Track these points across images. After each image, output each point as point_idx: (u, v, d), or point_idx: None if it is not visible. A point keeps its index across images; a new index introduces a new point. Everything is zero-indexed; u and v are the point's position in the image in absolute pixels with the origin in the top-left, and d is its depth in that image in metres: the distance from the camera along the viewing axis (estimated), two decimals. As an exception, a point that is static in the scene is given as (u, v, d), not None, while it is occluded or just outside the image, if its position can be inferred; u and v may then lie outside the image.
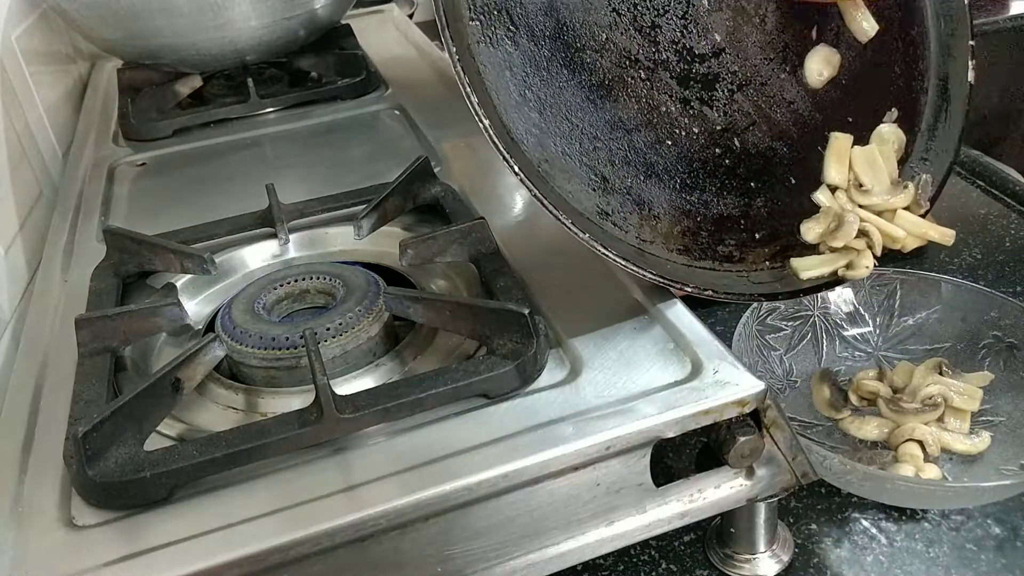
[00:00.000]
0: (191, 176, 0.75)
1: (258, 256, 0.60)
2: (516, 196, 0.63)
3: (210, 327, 0.53)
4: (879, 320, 0.61)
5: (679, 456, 0.47)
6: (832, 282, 0.50)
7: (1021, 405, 0.54)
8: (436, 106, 0.83)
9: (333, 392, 0.41)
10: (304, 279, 0.53)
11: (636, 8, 0.50)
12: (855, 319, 0.61)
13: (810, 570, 0.48)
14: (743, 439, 0.41)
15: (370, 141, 0.78)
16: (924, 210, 0.51)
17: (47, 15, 0.97)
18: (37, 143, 0.83)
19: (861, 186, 0.50)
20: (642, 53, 0.50)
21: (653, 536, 0.43)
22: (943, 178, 0.54)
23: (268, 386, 0.47)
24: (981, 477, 0.51)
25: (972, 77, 0.54)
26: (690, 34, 0.51)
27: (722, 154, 0.52)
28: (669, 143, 0.51)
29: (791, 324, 0.60)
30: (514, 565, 0.41)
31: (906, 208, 0.51)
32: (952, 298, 0.58)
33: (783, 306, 0.59)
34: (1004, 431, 0.53)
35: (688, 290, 0.47)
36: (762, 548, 0.47)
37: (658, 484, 0.42)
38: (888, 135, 0.53)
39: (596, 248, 0.45)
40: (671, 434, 0.41)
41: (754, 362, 0.56)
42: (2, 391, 0.50)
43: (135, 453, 0.40)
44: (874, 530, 0.50)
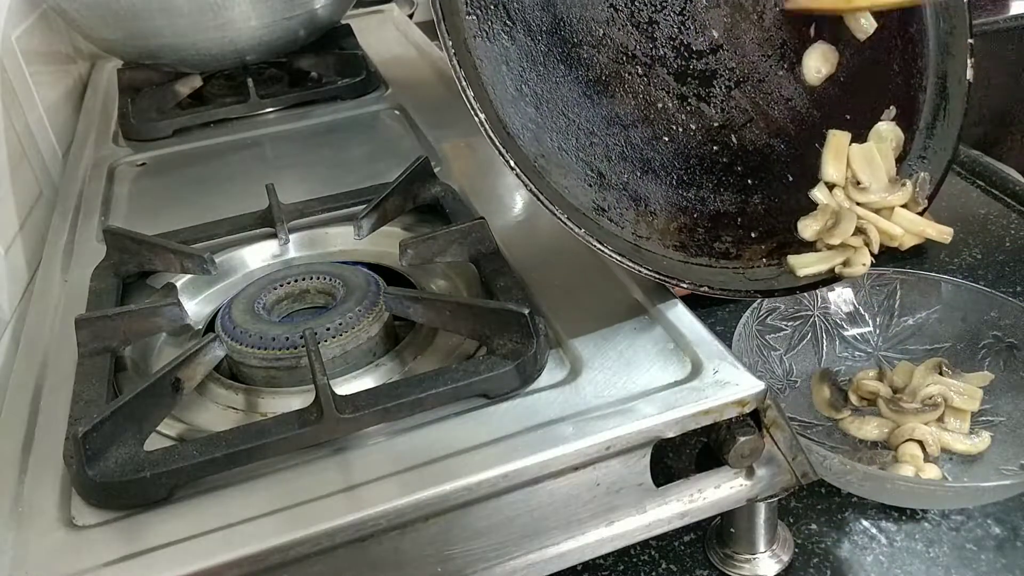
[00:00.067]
0: (191, 176, 0.75)
1: (258, 256, 0.60)
2: (516, 196, 0.63)
3: (210, 327, 0.53)
4: (879, 320, 0.61)
5: (679, 456, 0.47)
6: (829, 279, 0.50)
7: (1021, 405, 0.54)
8: (436, 106, 0.83)
9: (333, 392, 0.41)
10: (304, 279, 0.53)
11: (633, 4, 0.50)
12: (855, 319, 0.61)
13: (810, 570, 0.48)
14: (743, 439, 0.41)
15: (370, 141, 0.78)
16: (922, 208, 0.51)
17: (47, 15, 0.97)
18: (37, 143, 0.83)
19: (859, 184, 0.50)
20: (639, 49, 0.50)
21: (653, 536, 0.43)
22: (941, 176, 0.54)
23: (268, 386, 0.47)
24: (981, 477, 0.51)
25: (971, 75, 0.53)
26: (688, 30, 0.51)
27: (719, 151, 0.52)
28: (666, 139, 0.50)
29: (791, 324, 0.60)
30: (514, 565, 0.41)
31: (904, 206, 0.51)
32: (952, 298, 0.58)
33: (783, 306, 0.59)
34: (1004, 431, 0.53)
35: (684, 286, 0.47)
36: (762, 548, 0.47)
37: (658, 484, 0.42)
38: (886, 133, 0.53)
39: (592, 244, 0.45)
40: (671, 434, 0.41)
41: (754, 362, 0.56)
42: (2, 391, 0.50)
43: (135, 453, 0.40)
44: (874, 530, 0.50)
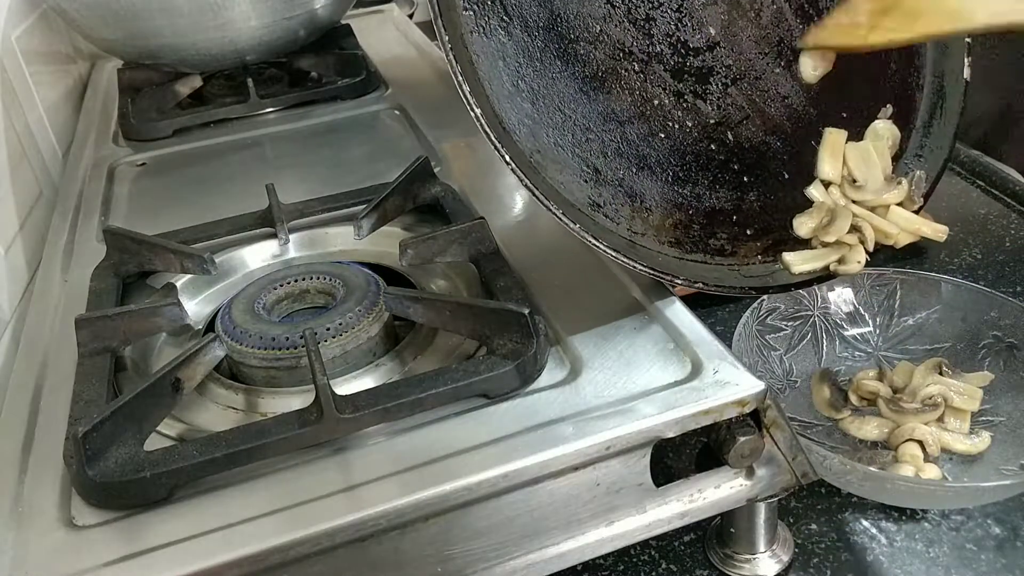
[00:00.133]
0: (191, 176, 0.75)
1: (258, 256, 0.60)
2: (516, 196, 0.63)
3: (210, 327, 0.53)
4: (879, 320, 0.61)
5: (679, 456, 0.47)
6: (824, 277, 0.50)
7: (1021, 405, 0.54)
8: (436, 106, 0.83)
9: (333, 392, 0.41)
10: (304, 279, 0.53)
11: (630, 0, 0.50)
12: (855, 319, 0.61)
13: (810, 570, 0.48)
14: (743, 439, 0.41)
15: (370, 141, 0.78)
16: (917, 206, 0.51)
17: (47, 15, 0.97)
18: (37, 143, 0.83)
19: (854, 181, 0.50)
20: (636, 45, 0.50)
21: (653, 536, 0.43)
22: (937, 175, 0.54)
23: (268, 386, 0.47)
24: (981, 477, 0.51)
25: (968, 74, 0.53)
26: (684, 27, 0.51)
27: (715, 148, 0.52)
28: (662, 136, 0.50)
29: (791, 324, 0.60)
30: (514, 565, 0.41)
31: (900, 204, 0.51)
32: (952, 298, 0.58)
33: (783, 306, 0.59)
34: (1004, 431, 0.53)
35: (679, 282, 0.47)
36: (762, 548, 0.47)
37: (658, 484, 0.42)
38: (883, 131, 0.53)
39: (587, 239, 0.45)
40: (671, 434, 0.41)
41: (754, 362, 0.56)
42: (2, 391, 0.50)
43: (135, 453, 0.40)
44: (874, 530, 0.50)
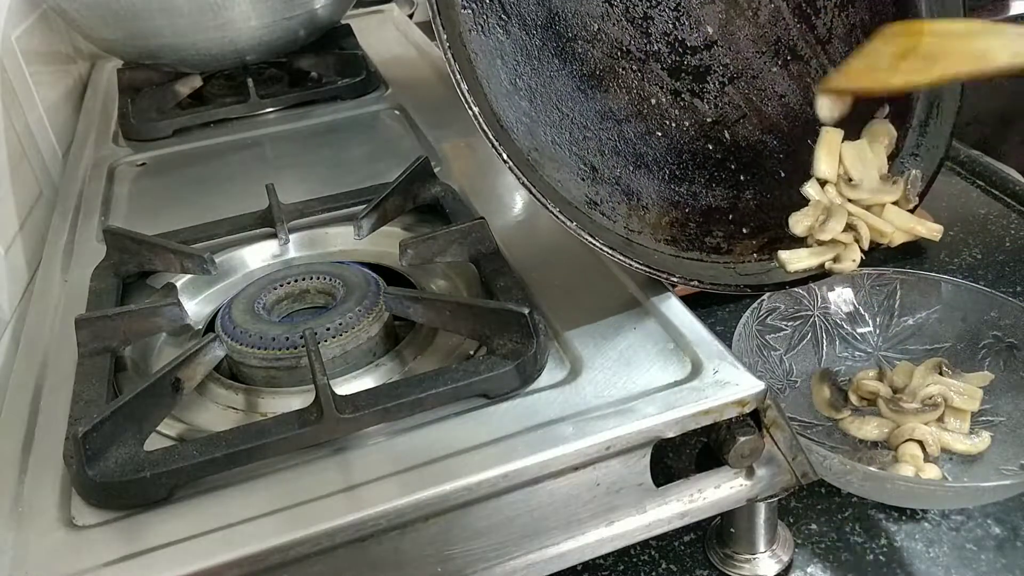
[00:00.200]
0: (191, 176, 0.75)
1: (258, 256, 0.60)
2: (516, 196, 0.63)
3: (210, 327, 0.53)
4: (879, 320, 0.61)
5: (679, 456, 0.47)
6: (819, 275, 0.50)
7: (1021, 405, 0.53)
8: (436, 106, 0.83)
9: (333, 392, 0.41)
10: (304, 279, 0.53)
11: None
12: (855, 319, 0.61)
13: (810, 570, 0.48)
14: (743, 439, 0.41)
15: (370, 141, 0.78)
16: (913, 205, 0.51)
17: (47, 15, 0.97)
18: (37, 143, 0.83)
19: (850, 180, 0.50)
20: (634, 44, 0.50)
21: (653, 536, 0.43)
22: (933, 174, 0.54)
23: (268, 386, 0.47)
24: (981, 477, 0.51)
25: None
26: (682, 26, 0.51)
27: (712, 146, 0.52)
28: (659, 134, 0.50)
29: (791, 324, 0.60)
30: (514, 565, 0.41)
31: (895, 203, 0.51)
32: (952, 298, 0.58)
33: (783, 306, 0.59)
34: (1004, 431, 0.53)
35: (674, 280, 0.47)
36: (762, 548, 0.47)
37: (658, 484, 0.42)
38: (879, 130, 0.53)
39: (583, 237, 0.45)
40: (671, 434, 0.41)
41: (754, 362, 0.56)
42: (2, 391, 0.50)
43: (135, 453, 0.40)
44: (874, 530, 0.50)
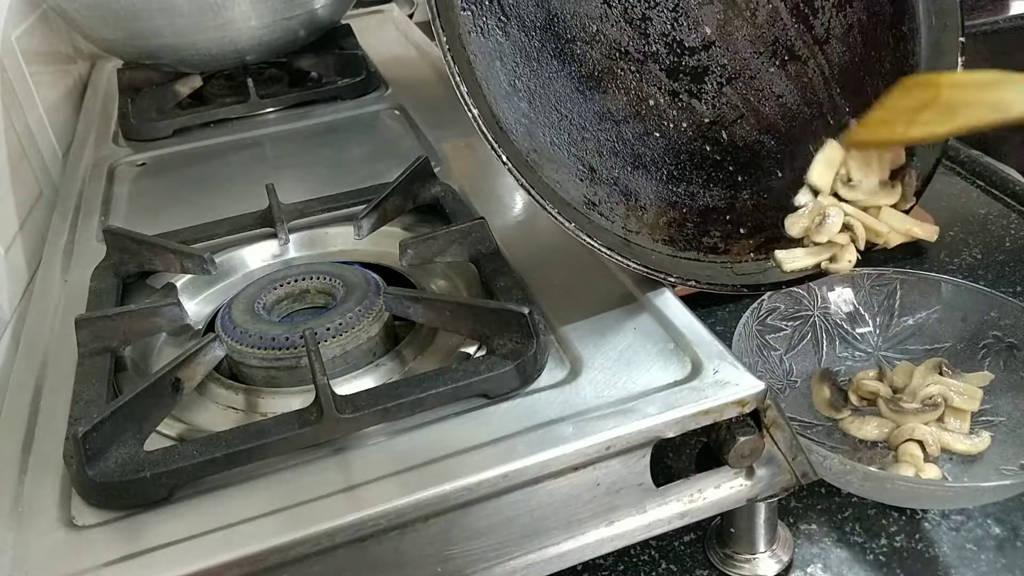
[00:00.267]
0: (191, 176, 0.75)
1: (258, 256, 0.60)
2: (516, 196, 0.63)
3: (210, 327, 0.53)
4: (879, 320, 0.61)
5: (679, 456, 0.47)
6: (815, 275, 0.50)
7: (1021, 405, 0.54)
8: (436, 106, 0.83)
9: (333, 392, 0.41)
10: (304, 279, 0.53)
11: (627, 0, 0.50)
12: (855, 319, 0.61)
13: (810, 570, 0.48)
14: (743, 439, 0.41)
15: (370, 141, 0.78)
16: (909, 205, 0.51)
17: (47, 15, 0.97)
18: (37, 143, 0.83)
19: (849, 180, 0.50)
20: (632, 45, 0.50)
21: (653, 536, 0.43)
22: (928, 174, 0.54)
23: (268, 386, 0.47)
24: (981, 477, 0.51)
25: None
26: (680, 27, 0.51)
27: (710, 147, 0.52)
28: (657, 135, 0.51)
29: (791, 324, 0.60)
30: (514, 565, 0.41)
31: (892, 205, 0.51)
32: (952, 298, 0.58)
33: (783, 306, 0.59)
34: (1004, 431, 0.53)
35: (672, 280, 0.47)
36: (762, 548, 0.47)
37: (658, 484, 0.42)
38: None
39: (582, 238, 0.45)
40: (671, 434, 0.41)
41: (754, 362, 0.56)
42: (2, 391, 0.50)
43: (135, 453, 0.40)
44: (874, 530, 0.50)
